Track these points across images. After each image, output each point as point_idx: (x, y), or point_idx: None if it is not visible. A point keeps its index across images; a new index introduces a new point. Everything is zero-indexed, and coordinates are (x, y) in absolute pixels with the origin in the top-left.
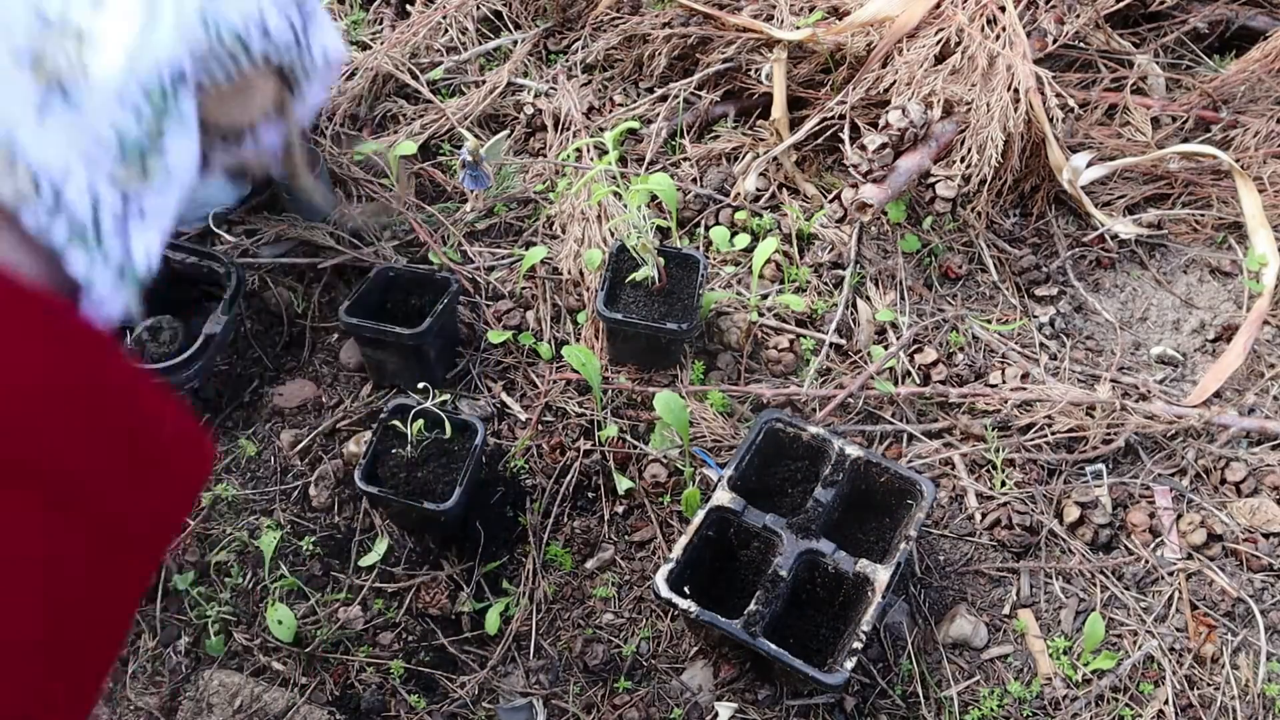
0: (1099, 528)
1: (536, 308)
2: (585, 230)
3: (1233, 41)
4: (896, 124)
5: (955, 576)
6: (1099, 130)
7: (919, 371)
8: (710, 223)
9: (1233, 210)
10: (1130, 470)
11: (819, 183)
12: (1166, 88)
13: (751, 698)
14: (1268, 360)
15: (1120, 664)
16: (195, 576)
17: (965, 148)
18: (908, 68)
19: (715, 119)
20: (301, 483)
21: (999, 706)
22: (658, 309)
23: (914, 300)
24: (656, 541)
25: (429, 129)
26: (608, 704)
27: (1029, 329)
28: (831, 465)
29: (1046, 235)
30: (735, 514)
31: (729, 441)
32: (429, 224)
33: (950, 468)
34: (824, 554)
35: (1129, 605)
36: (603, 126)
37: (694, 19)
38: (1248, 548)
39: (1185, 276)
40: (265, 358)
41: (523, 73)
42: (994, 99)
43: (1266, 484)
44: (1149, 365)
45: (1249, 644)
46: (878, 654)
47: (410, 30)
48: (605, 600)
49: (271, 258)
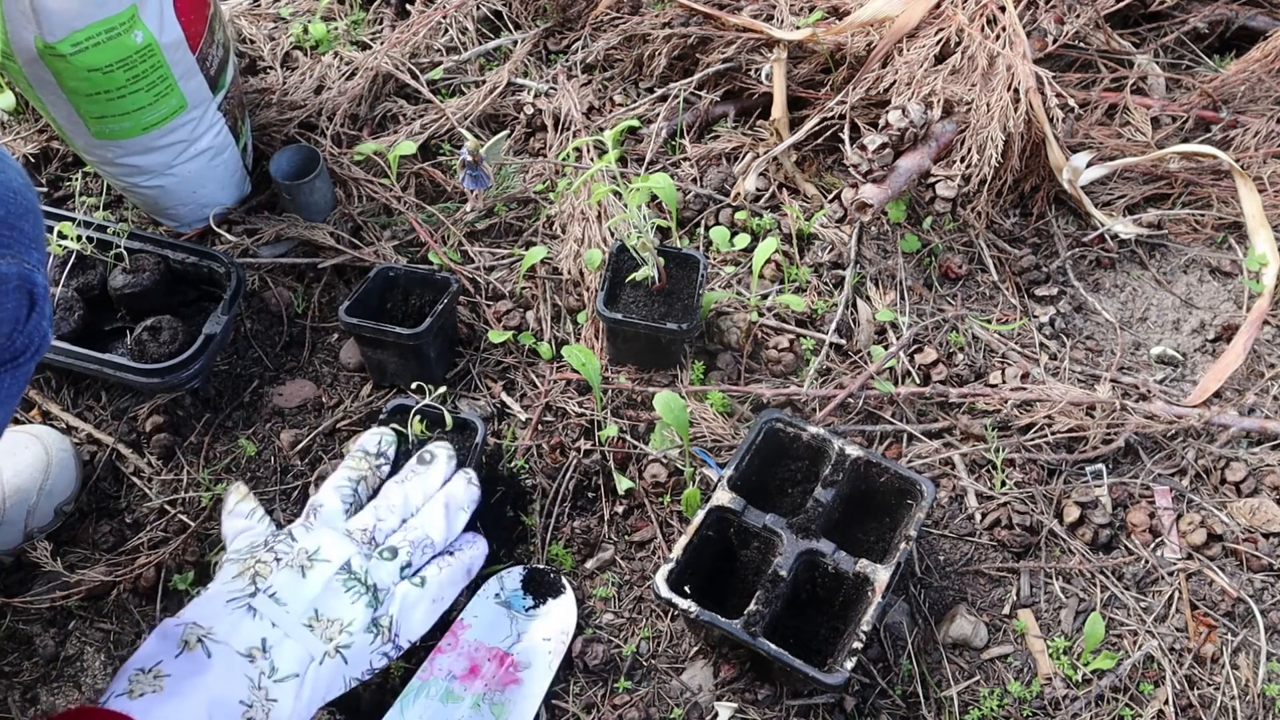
0: (1099, 528)
1: (536, 308)
2: (585, 230)
3: (1233, 41)
4: (896, 124)
5: (955, 576)
6: (1099, 130)
7: (919, 371)
8: (710, 223)
9: (1233, 210)
10: (1130, 470)
11: (819, 183)
12: (1166, 88)
13: (751, 698)
14: (1268, 360)
15: (1120, 664)
16: (195, 576)
17: (965, 148)
18: (908, 68)
19: (715, 119)
20: (301, 483)
21: (999, 706)
22: (658, 309)
23: (914, 300)
24: (656, 541)
25: (429, 129)
26: (608, 704)
27: (1029, 329)
28: (831, 465)
29: (1046, 235)
30: (735, 514)
31: (729, 441)
32: (429, 224)
33: (950, 468)
34: (824, 554)
35: (1129, 605)
36: (603, 126)
37: (694, 19)
38: (1248, 548)
39: (1185, 276)
40: (265, 358)
41: (523, 73)
42: (994, 99)
43: (1266, 484)
44: (1149, 365)
45: (1249, 644)
46: (878, 654)
47: (410, 30)
48: (605, 600)
49: (271, 258)
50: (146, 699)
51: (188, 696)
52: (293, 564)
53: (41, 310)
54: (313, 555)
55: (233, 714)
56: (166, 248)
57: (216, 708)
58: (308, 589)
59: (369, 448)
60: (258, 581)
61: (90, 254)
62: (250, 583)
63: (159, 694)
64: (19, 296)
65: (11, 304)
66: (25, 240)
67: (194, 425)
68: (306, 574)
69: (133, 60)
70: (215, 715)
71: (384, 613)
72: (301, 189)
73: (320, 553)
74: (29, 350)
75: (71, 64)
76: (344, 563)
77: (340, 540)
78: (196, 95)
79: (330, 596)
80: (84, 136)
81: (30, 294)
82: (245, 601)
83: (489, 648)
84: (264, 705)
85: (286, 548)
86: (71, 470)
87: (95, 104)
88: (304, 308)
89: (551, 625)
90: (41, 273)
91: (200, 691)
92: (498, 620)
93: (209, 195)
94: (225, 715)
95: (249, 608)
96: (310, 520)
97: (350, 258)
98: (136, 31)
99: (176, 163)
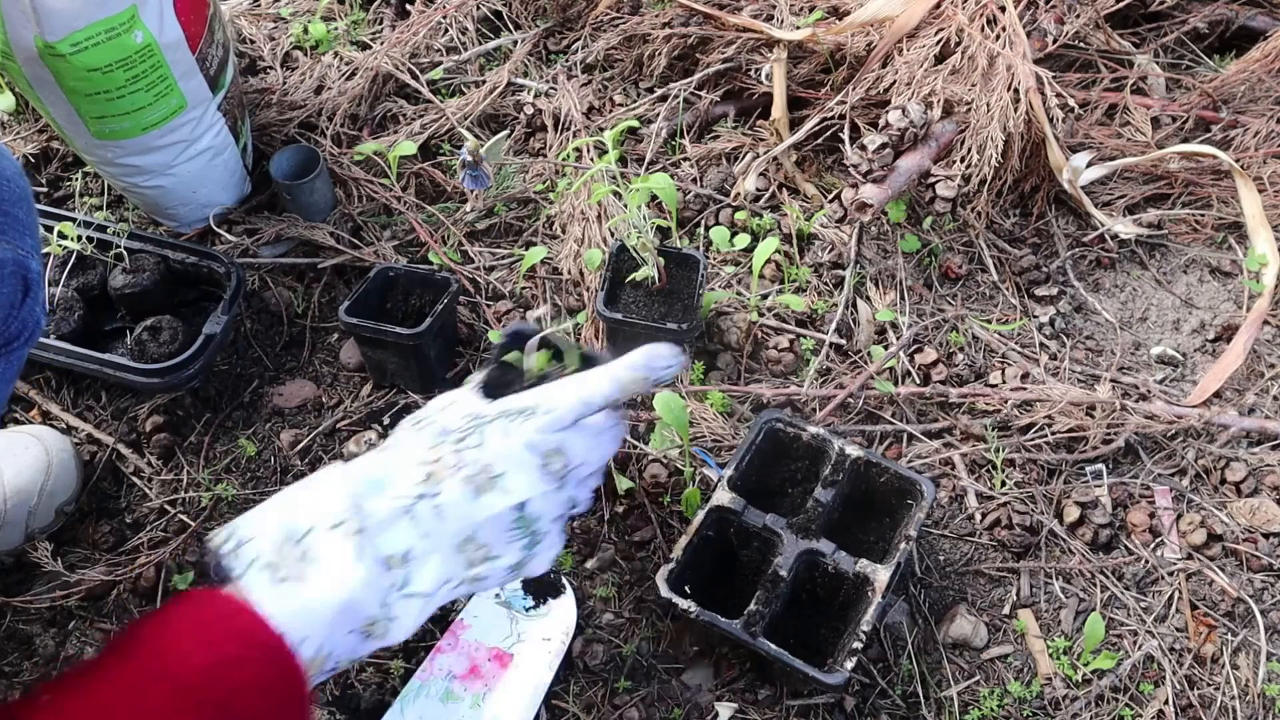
0: (1099, 528)
1: (536, 308)
2: (585, 230)
3: (1233, 41)
4: (896, 124)
5: (955, 576)
6: (1099, 130)
7: (919, 371)
8: (710, 223)
9: (1233, 210)
10: (1130, 470)
11: (819, 183)
12: (1166, 88)
13: (751, 698)
14: (1268, 360)
15: (1120, 664)
16: (195, 577)
17: (965, 148)
18: (908, 68)
19: (715, 119)
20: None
21: (999, 706)
22: (658, 309)
23: (914, 300)
24: (656, 541)
25: (429, 129)
26: (608, 704)
27: (1029, 329)
28: (831, 465)
29: (1046, 235)
30: (735, 514)
31: (729, 441)
32: (429, 224)
33: (950, 468)
34: (824, 554)
35: (1129, 605)
36: (603, 126)
37: (694, 19)
38: (1248, 548)
39: (1185, 276)
40: (265, 358)
41: (523, 73)
42: (994, 99)
43: (1266, 484)
44: (1149, 365)
45: (1249, 644)
46: (878, 654)
47: (410, 30)
48: (605, 600)
49: (271, 258)
50: (289, 585)
51: (328, 596)
52: (471, 479)
53: (35, 296)
54: (495, 479)
55: (355, 623)
56: (166, 248)
57: (345, 614)
58: (475, 512)
59: (657, 366)
60: (428, 485)
61: (90, 254)
62: (422, 481)
63: (298, 582)
64: (14, 282)
65: (7, 289)
66: (19, 227)
67: (194, 425)
68: (480, 497)
69: (133, 60)
70: (339, 621)
71: (529, 556)
72: (301, 189)
73: (504, 480)
74: (23, 335)
75: (71, 64)
76: (522, 501)
77: (530, 474)
78: (196, 95)
79: (493, 529)
80: (84, 136)
81: (25, 279)
82: (407, 505)
83: (489, 648)
84: (385, 621)
85: (473, 455)
86: (72, 470)
87: (95, 104)
88: (304, 308)
89: (551, 625)
90: (36, 259)
91: (343, 594)
92: (498, 620)
93: (209, 195)
94: (348, 623)
95: (408, 512)
96: (513, 424)
97: (350, 258)
98: (136, 31)
99: (176, 163)
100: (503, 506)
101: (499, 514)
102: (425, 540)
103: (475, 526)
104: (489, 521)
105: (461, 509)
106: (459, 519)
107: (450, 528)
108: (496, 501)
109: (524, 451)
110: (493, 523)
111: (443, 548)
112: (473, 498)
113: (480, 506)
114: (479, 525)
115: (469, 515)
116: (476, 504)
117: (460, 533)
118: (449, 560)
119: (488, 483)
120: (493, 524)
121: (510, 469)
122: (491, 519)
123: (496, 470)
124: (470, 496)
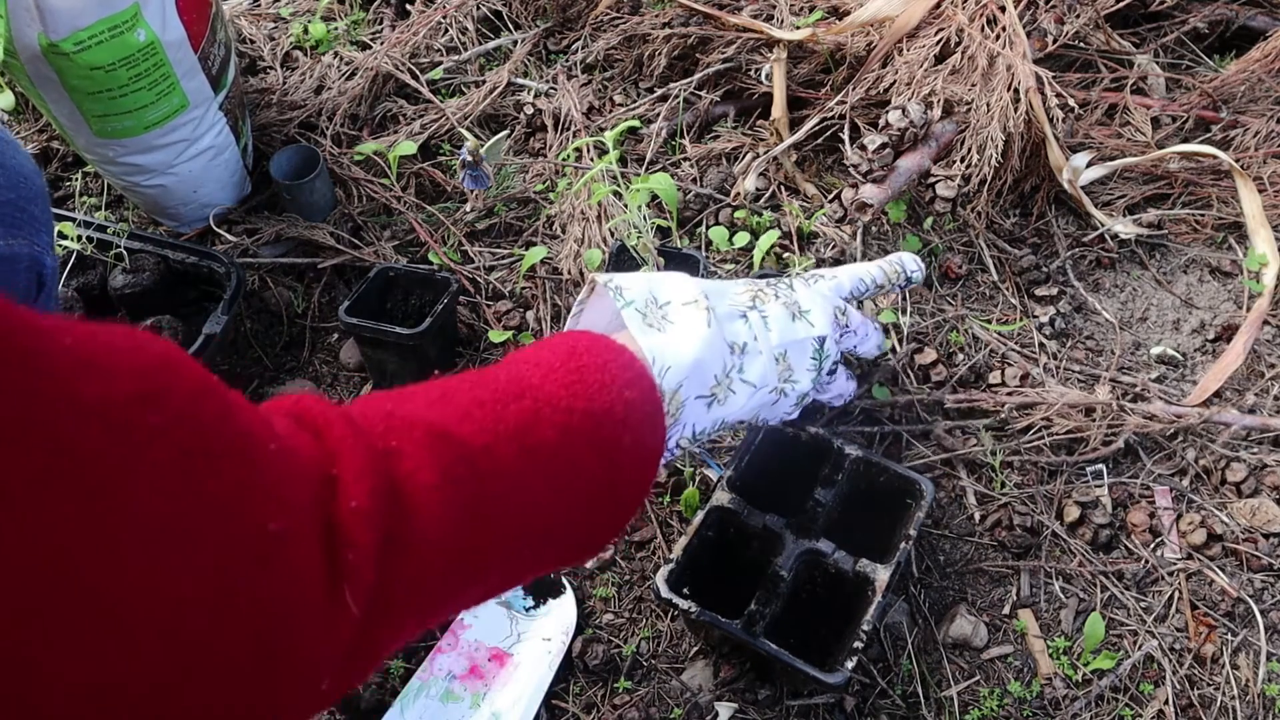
0: (1099, 528)
1: (536, 308)
2: (585, 230)
3: (1233, 41)
4: (896, 124)
5: (955, 576)
6: (1099, 130)
7: (919, 372)
8: (710, 222)
9: (1233, 210)
10: (1130, 470)
11: (819, 183)
12: (1166, 88)
13: (751, 698)
14: (1268, 360)
15: (1120, 664)
16: None
17: (965, 148)
18: (908, 68)
19: (715, 119)
20: None
21: (999, 706)
22: None
23: (914, 300)
24: (656, 541)
25: (429, 129)
26: (608, 704)
27: (1029, 329)
28: (831, 465)
29: (1046, 235)
30: (735, 514)
31: (729, 441)
32: (429, 224)
33: (950, 468)
34: (824, 554)
35: (1129, 605)
36: (603, 126)
37: (694, 19)
38: (1248, 548)
39: (1185, 276)
40: (265, 358)
41: (523, 73)
42: (994, 99)
43: (1267, 484)
44: (1149, 365)
45: (1249, 644)
46: (878, 654)
47: (410, 30)
48: (605, 600)
49: (271, 258)
50: (654, 330)
51: (686, 345)
52: (788, 305)
53: (49, 293)
54: (804, 313)
55: (705, 382)
56: (166, 248)
57: (699, 369)
58: (789, 333)
59: (909, 267)
60: (757, 301)
61: (90, 254)
62: (751, 300)
63: (661, 332)
64: (29, 277)
65: (22, 284)
66: (35, 224)
67: None
68: (795, 321)
69: (135, 59)
70: (693, 374)
71: (813, 392)
72: (301, 189)
73: (810, 315)
74: None
75: (74, 62)
76: (821, 336)
77: (828, 316)
78: (198, 94)
79: (799, 352)
80: (86, 135)
81: (39, 275)
82: (743, 309)
83: (489, 648)
84: (726, 391)
85: (786, 293)
86: None
87: (97, 102)
88: (304, 308)
89: (552, 625)
90: (51, 255)
91: (698, 347)
92: (497, 620)
93: (209, 195)
94: (700, 380)
95: (744, 315)
96: (814, 280)
97: (350, 258)
98: (139, 30)
99: (177, 162)
100: (808, 334)
101: (804, 339)
102: (755, 341)
103: (788, 345)
104: (798, 344)
105: (782, 324)
106: (779, 333)
107: (773, 339)
108: (804, 329)
109: (823, 299)
110: (800, 346)
111: (766, 352)
112: (790, 320)
113: (795, 329)
114: (790, 345)
115: (787, 332)
116: (793, 326)
117: (779, 346)
118: (769, 366)
119: (800, 313)
120: (799, 348)
121: (814, 308)
122: (800, 342)
123: (804, 306)
124: (788, 318)
